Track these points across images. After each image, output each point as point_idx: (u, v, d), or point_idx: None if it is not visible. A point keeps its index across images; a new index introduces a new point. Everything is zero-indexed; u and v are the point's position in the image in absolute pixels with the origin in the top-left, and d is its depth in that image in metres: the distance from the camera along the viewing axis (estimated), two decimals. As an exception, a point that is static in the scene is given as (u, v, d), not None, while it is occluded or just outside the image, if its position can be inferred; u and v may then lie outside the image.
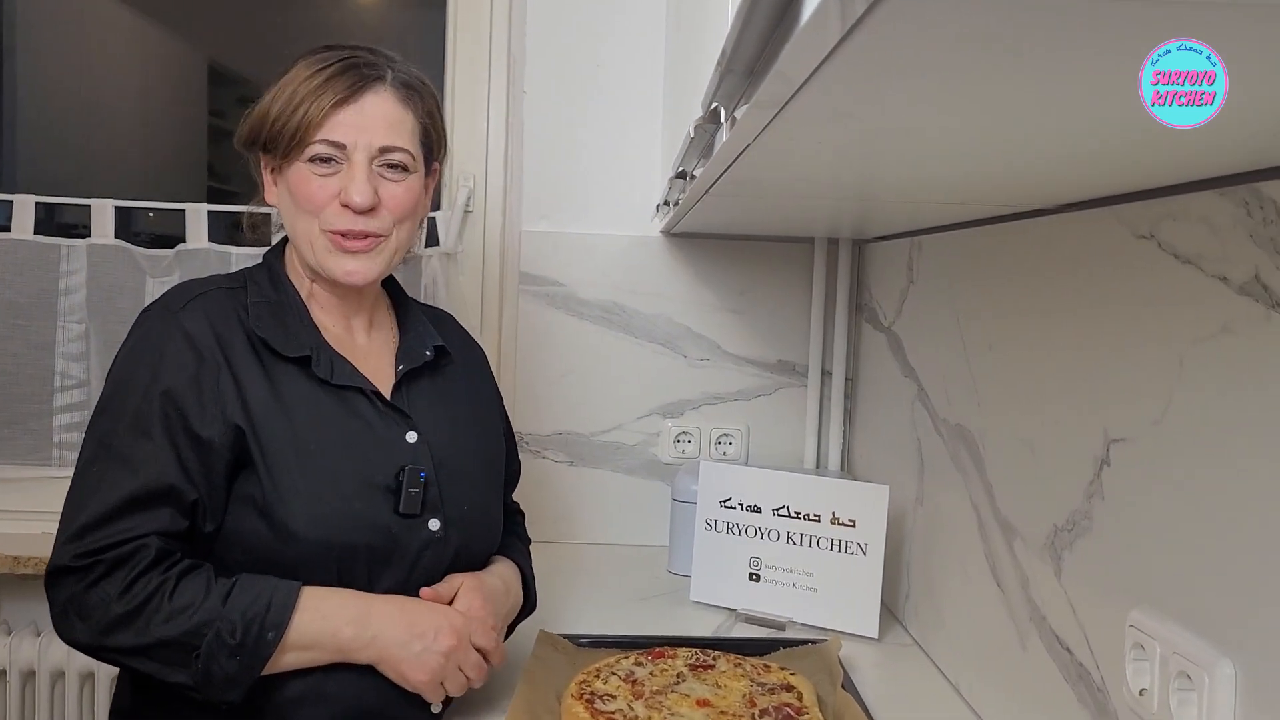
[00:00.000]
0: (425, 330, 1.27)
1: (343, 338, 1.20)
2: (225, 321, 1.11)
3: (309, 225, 1.14)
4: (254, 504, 1.07)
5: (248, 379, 1.09)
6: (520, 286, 1.95)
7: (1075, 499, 1.01)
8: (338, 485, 1.09)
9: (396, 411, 1.17)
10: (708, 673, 1.27)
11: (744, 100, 0.60)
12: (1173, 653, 0.82)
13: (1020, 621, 1.14)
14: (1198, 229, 0.82)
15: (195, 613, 1.00)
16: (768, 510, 1.58)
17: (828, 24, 0.39)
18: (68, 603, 1.02)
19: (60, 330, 1.93)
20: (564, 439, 1.96)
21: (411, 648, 1.08)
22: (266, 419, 1.08)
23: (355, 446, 1.12)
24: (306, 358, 1.13)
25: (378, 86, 1.13)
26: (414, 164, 1.16)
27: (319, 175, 1.12)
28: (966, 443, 1.32)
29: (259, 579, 1.04)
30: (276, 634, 1.01)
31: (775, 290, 1.96)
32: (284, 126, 1.11)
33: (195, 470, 1.05)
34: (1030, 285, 1.15)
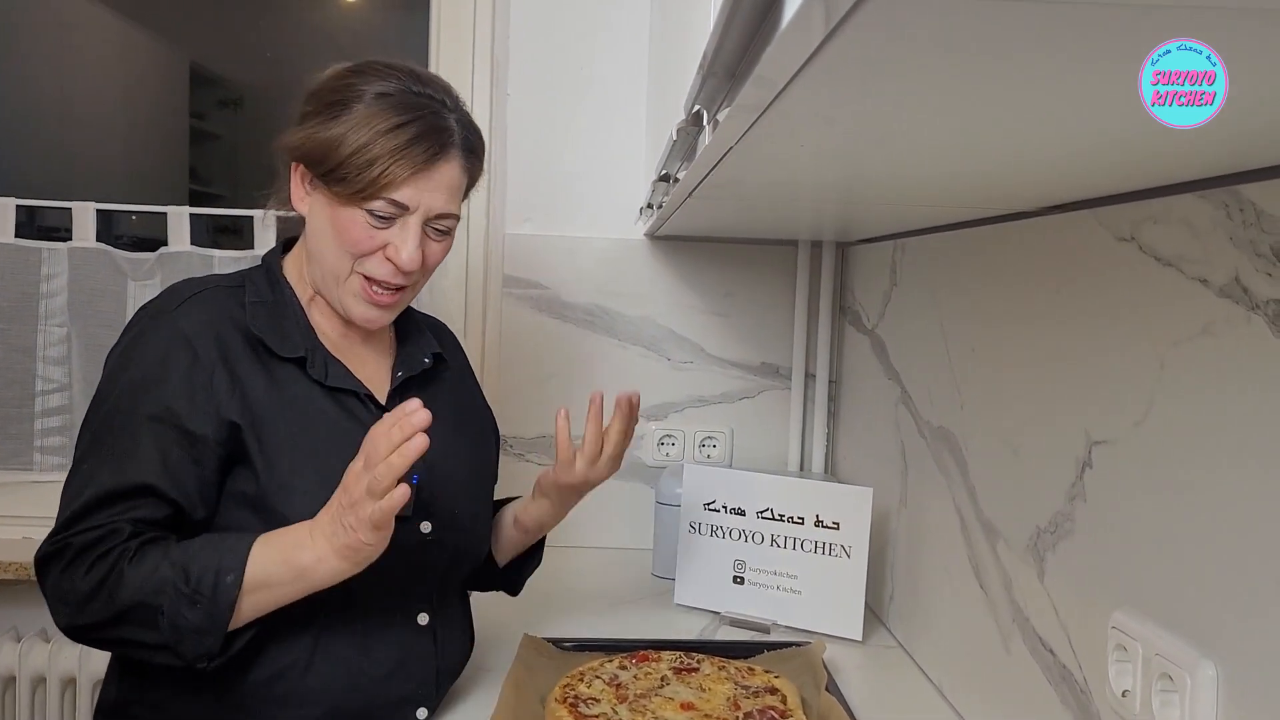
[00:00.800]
0: (425, 339, 1.27)
1: (340, 343, 1.20)
2: (222, 320, 1.11)
3: (344, 263, 1.12)
4: (247, 499, 1.06)
5: (247, 375, 1.09)
6: (504, 289, 1.94)
7: (1057, 501, 1.01)
8: (331, 484, 1.08)
9: None
10: (692, 675, 1.26)
11: (726, 103, 0.60)
12: (1155, 654, 0.82)
13: (1003, 623, 1.14)
14: (1178, 231, 0.82)
15: (155, 574, 0.98)
16: (751, 513, 1.58)
17: (809, 27, 0.39)
18: (52, 589, 1.02)
19: (41, 334, 1.91)
20: (548, 442, 1.95)
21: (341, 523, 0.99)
22: (263, 415, 1.08)
23: (349, 447, 1.11)
24: (302, 359, 1.13)
25: (451, 153, 1.11)
26: (455, 226, 1.17)
27: (374, 226, 1.10)
28: (949, 445, 1.32)
29: (215, 536, 1.03)
30: (235, 577, 0.99)
31: (759, 293, 1.96)
32: (355, 175, 1.08)
33: (183, 468, 1.04)
34: (1012, 288, 1.16)
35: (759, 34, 0.44)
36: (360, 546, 0.99)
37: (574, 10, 1.92)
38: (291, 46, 4.12)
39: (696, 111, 0.69)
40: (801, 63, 0.44)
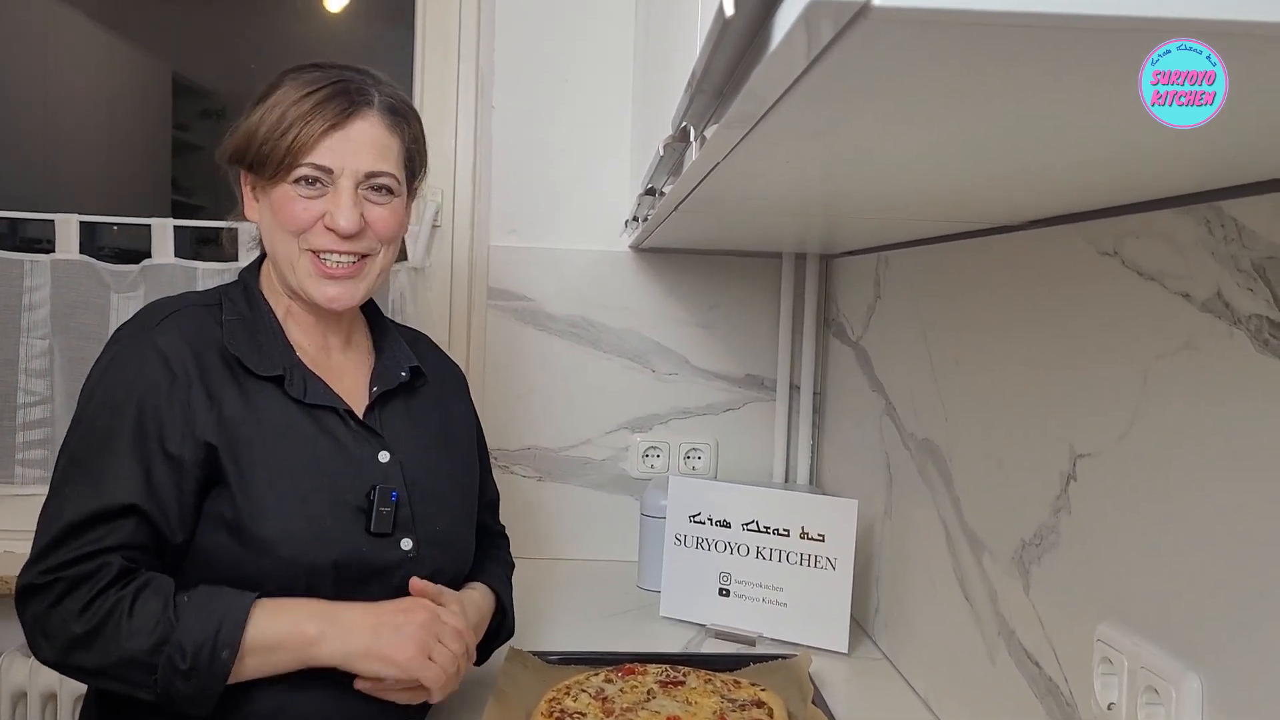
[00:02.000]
0: (401, 351, 1.27)
1: (318, 357, 1.19)
2: (199, 338, 1.11)
3: (290, 245, 1.14)
4: (224, 521, 1.06)
5: (222, 395, 1.09)
6: (488, 301, 1.94)
7: (1043, 513, 1.01)
8: (308, 503, 1.09)
9: (369, 431, 1.17)
10: (678, 689, 1.26)
11: (714, 120, 0.60)
12: (1140, 667, 0.83)
13: (989, 635, 1.15)
14: (1160, 246, 0.83)
15: (152, 633, 0.98)
16: (737, 525, 1.58)
17: (797, 48, 0.39)
18: (34, 621, 1.02)
19: (23, 346, 1.90)
20: (532, 454, 1.95)
21: (383, 633, 1.06)
22: (240, 436, 1.08)
23: (326, 465, 1.12)
24: (280, 376, 1.12)
25: (366, 112, 1.13)
26: (398, 187, 1.17)
27: (304, 197, 1.12)
28: (934, 457, 1.33)
29: (214, 594, 1.03)
30: (230, 652, 1.00)
31: (743, 305, 1.97)
32: (272, 149, 1.11)
33: (163, 488, 1.04)
34: (996, 301, 1.17)
35: (748, 53, 0.44)
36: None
37: (559, 23, 1.93)
38: (275, 57, 4.11)
39: (683, 128, 0.69)
40: (790, 82, 0.45)
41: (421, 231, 1.93)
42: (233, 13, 4.26)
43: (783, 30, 0.38)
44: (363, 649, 1.06)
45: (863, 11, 0.34)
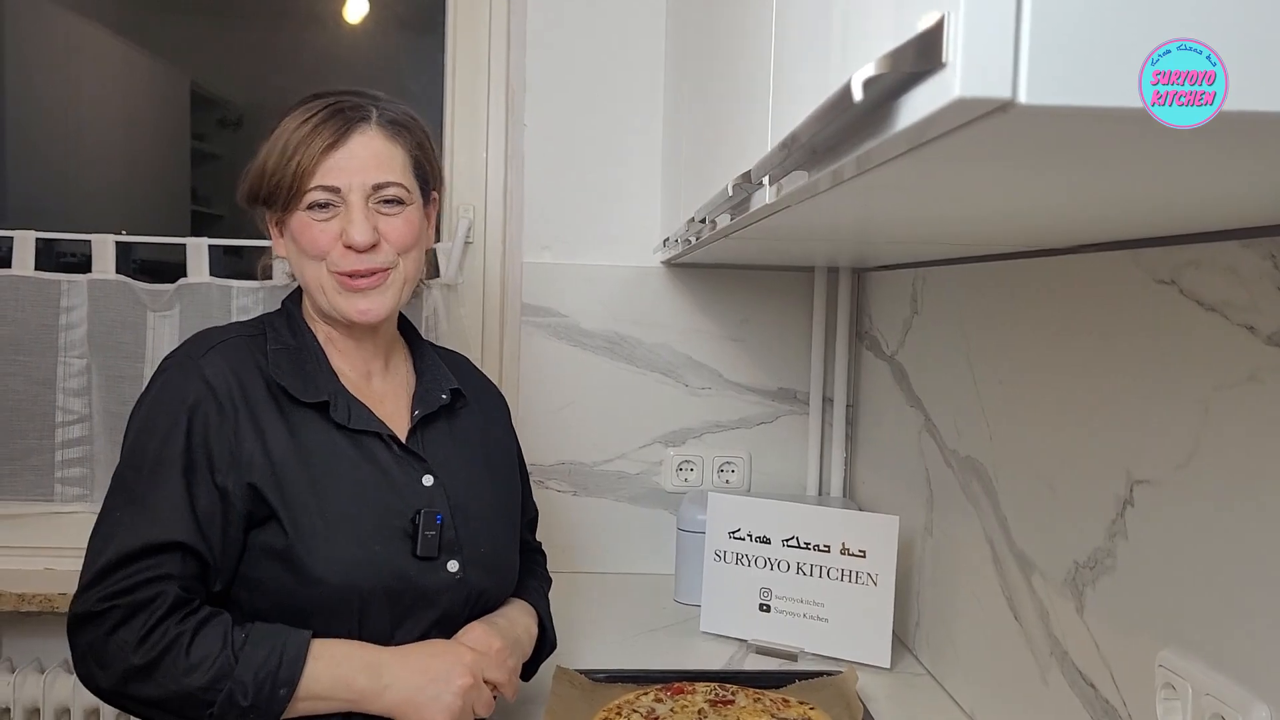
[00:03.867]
0: (441, 374, 1.28)
1: (359, 383, 1.21)
2: (245, 369, 1.13)
3: (317, 270, 1.16)
4: (274, 552, 1.08)
5: (268, 426, 1.10)
6: (522, 318, 1.96)
7: (1097, 537, 1.02)
8: (356, 530, 1.10)
9: (412, 455, 1.18)
10: (728, 708, 1.27)
11: (797, 170, 0.61)
12: (1205, 694, 0.83)
13: (1040, 655, 1.15)
14: (1222, 278, 0.84)
15: (210, 668, 1.00)
16: (777, 541, 1.59)
17: (924, 130, 0.40)
18: (87, 649, 1.03)
19: (61, 365, 1.92)
20: (567, 469, 1.96)
21: (428, 692, 1.09)
22: (286, 467, 1.09)
23: (372, 491, 1.13)
24: (325, 403, 1.14)
25: (363, 127, 1.14)
26: (409, 196, 1.17)
27: (319, 221, 1.14)
28: (979, 475, 1.34)
29: (271, 632, 1.05)
30: (289, 690, 1.02)
31: (775, 318, 1.98)
32: (279, 180, 1.13)
33: (209, 521, 1.06)
34: (1044, 322, 1.17)
35: (862, 128, 0.45)
36: None
37: (589, 40, 1.94)
38: (293, 67, 4.13)
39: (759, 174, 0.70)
40: (899, 153, 0.46)
41: (454, 248, 1.94)
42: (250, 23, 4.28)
43: (915, 115, 0.39)
44: (402, 703, 1.08)
45: (1005, 107, 0.35)
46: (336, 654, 1.08)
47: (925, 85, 0.38)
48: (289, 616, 1.07)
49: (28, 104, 2.86)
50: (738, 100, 0.92)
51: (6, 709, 1.83)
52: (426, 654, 1.12)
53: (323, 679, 1.05)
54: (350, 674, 1.07)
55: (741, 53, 0.91)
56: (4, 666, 1.87)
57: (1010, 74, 0.35)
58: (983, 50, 0.34)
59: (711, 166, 1.10)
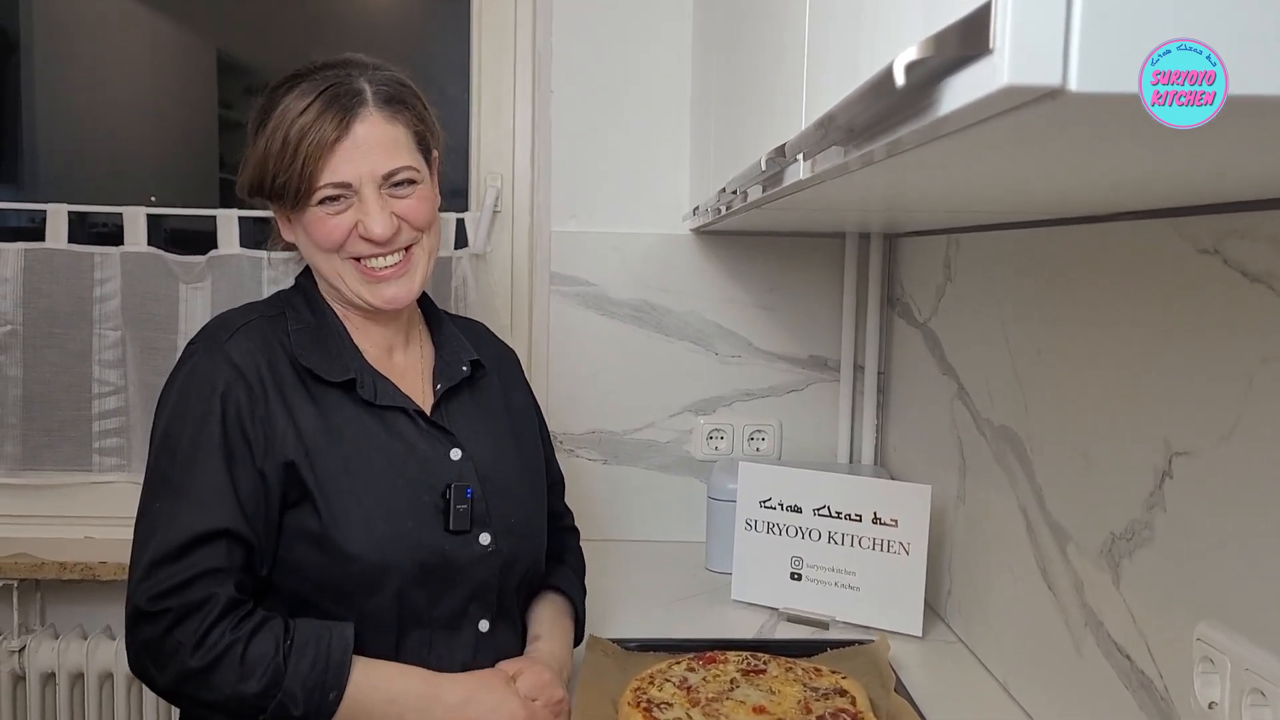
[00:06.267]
0: (460, 345, 1.28)
1: (381, 358, 1.21)
2: (270, 351, 1.13)
3: (331, 261, 1.15)
4: (309, 534, 1.09)
5: (298, 407, 1.11)
6: (551, 287, 1.95)
7: (1134, 509, 1.01)
8: (389, 507, 1.11)
9: (439, 430, 1.19)
10: (760, 677, 1.28)
11: (835, 147, 0.60)
12: (1244, 669, 0.83)
13: (1075, 626, 1.15)
14: (1267, 247, 0.82)
15: (264, 676, 1.01)
16: (808, 510, 1.59)
17: (967, 115, 0.39)
18: (143, 648, 1.04)
19: (96, 338, 1.94)
20: (597, 438, 1.97)
21: None
22: (318, 448, 1.10)
23: (402, 468, 1.14)
24: (351, 381, 1.14)
25: (363, 112, 1.11)
26: (420, 174, 1.16)
27: (332, 215, 1.12)
28: (1013, 445, 1.33)
29: (314, 636, 1.05)
30: (338, 694, 1.04)
31: (806, 285, 1.96)
32: (286, 179, 1.10)
33: (253, 505, 1.07)
34: (1082, 291, 1.16)
35: (900, 109, 0.44)
36: None
37: (617, 6, 1.91)
38: (318, 33, 4.12)
39: (793, 149, 0.69)
40: (939, 135, 0.45)
41: (482, 218, 1.94)
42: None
43: (959, 101, 0.38)
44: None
45: (1054, 94, 0.34)
46: (391, 688, 1.08)
47: (971, 70, 0.37)
48: (327, 597, 1.09)
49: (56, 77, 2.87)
50: (770, 72, 0.90)
51: (51, 674, 1.87)
52: (480, 702, 1.11)
53: (375, 710, 1.06)
54: (402, 712, 1.07)
55: (775, 22, 0.90)
56: (48, 633, 1.90)
57: (1060, 60, 0.34)
58: (1032, 36, 0.34)
59: (743, 138, 1.08)
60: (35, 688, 1.87)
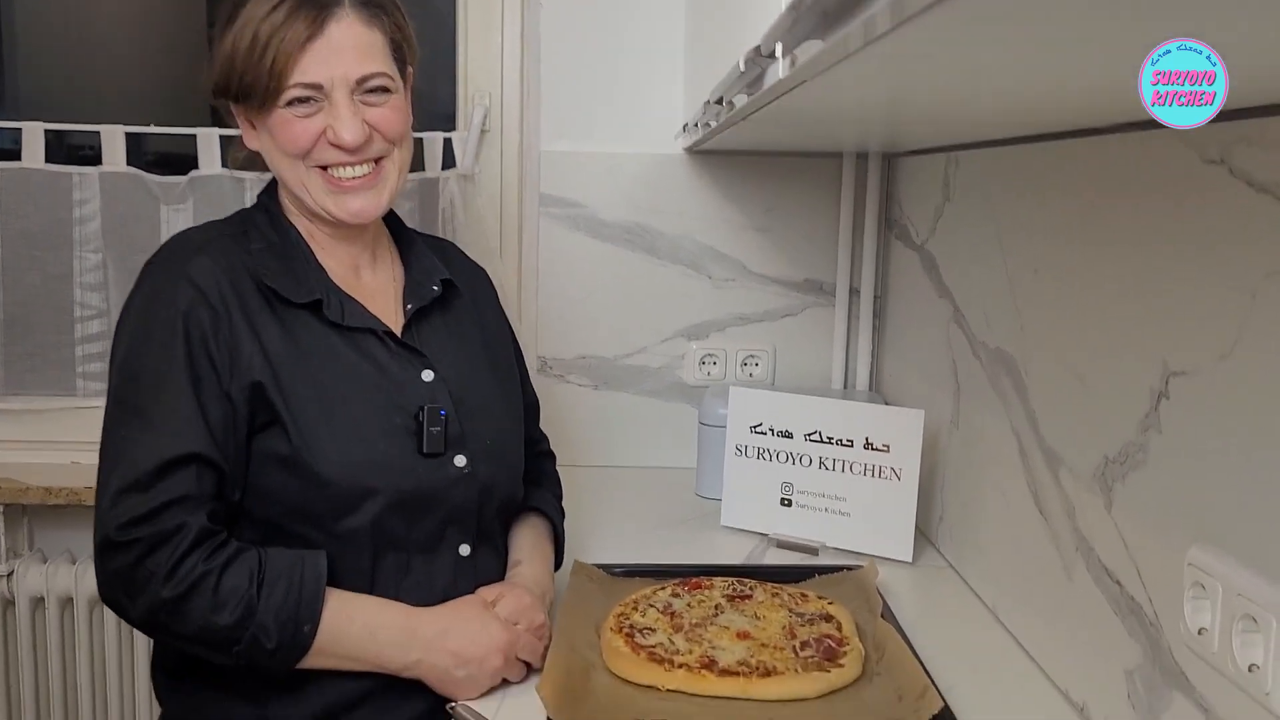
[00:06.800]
0: (431, 264, 1.24)
1: (348, 278, 1.17)
2: (232, 271, 1.08)
3: (296, 167, 1.10)
4: (280, 459, 1.05)
5: (263, 329, 1.07)
6: (540, 208, 1.90)
7: (1129, 431, 0.98)
8: (361, 430, 1.08)
9: (410, 351, 1.15)
10: (745, 603, 1.26)
11: (812, 40, 0.55)
12: (1236, 594, 0.80)
13: (1065, 551, 1.13)
14: (1273, 157, 0.78)
15: (237, 607, 0.99)
16: (799, 435, 1.56)
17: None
18: (114, 578, 1.01)
19: (77, 260, 1.90)
20: (587, 363, 1.94)
21: (456, 673, 1.08)
22: (286, 370, 1.06)
23: (373, 390, 1.10)
24: (318, 301, 1.10)
25: (339, 12, 1.06)
26: (393, 83, 1.11)
27: (300, 117, 1.07)
28: (1008, 367, 1.29)
29: (287, 567, 1.02)
30: (312, 626, 1.02)
31: (802, 207, 1.91)
32: (254, 77, 1.05)
33: (222, 428, 1.03)
34: (1082, 207, 1.11)
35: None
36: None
37: (607, -87, 1.84)
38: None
39: (770, 45, 0.64)
40: (920, 10, 0.40)
41: (470, 137, 1.88)
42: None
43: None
44: (430, 680, 1.08)
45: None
46: (370, 622, 1.06)
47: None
48: (300, 521, 1.06)
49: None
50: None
51: (40, 598, 1.87)
52: (460, 633, 1.08)
53: (353, 646, 1.05)
54: (380, 648, 1.06)
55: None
56: (36, 558, 1.90)
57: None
58: None
59: (725, 43, 1.03)
60: (25, 612, 1.87)
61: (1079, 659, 1.11)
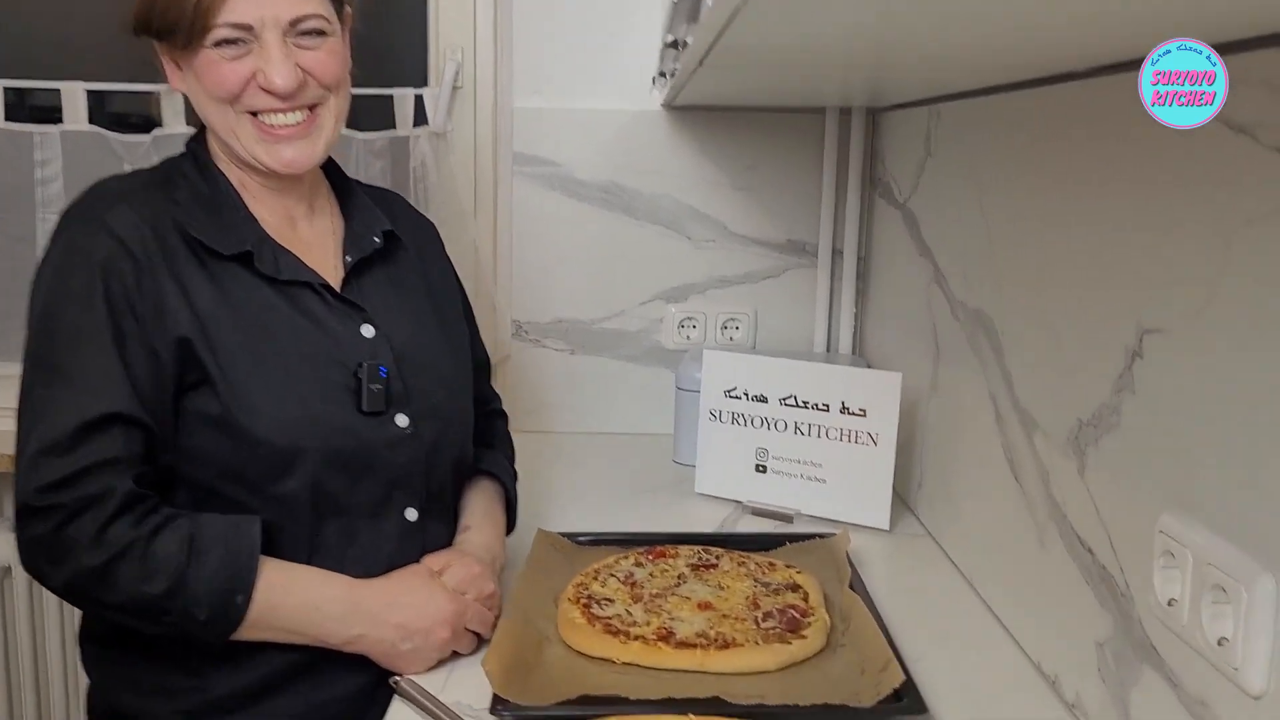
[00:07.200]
0: (372, 215, 1.18)
1: (282, 229, 1.10)
2: (157, 221, 1.01)
3: (225, 113, 1.04)
4: (210, 418, 1.00)
5: (191, 283, 1.01)
6: (514, 167, 1.85)
7: (1103, 392, 0.93)
8: (296, 388, 1.03)
9: (349, 305, 1.10)
10: (710, 573, 1.22)
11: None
12: (1206, 563, 0.75)
13: (1039, 518, 1.08)
14: (1256, 94, 0.72)
15: (167, 576, 0.94)
16: (774, 400, 1.51)
17: None
18: (34, 544, 0.96)
19: (40, 222, 1.84)
20: (564, 327, 1.88)
21: (401, 647, 1.04)
22: (216, 325, 1.00)
23: (309, 346, 1.05)
24: (248, 254, 1.04)
25: None
26: (330, 25, 1.05)
27: (228, 59, 1.01)
28: (985, 328, 1.24)
29: (220, 536, 0.97)
30: (245, 598, 0.97)
31: (784, 165, 1.85)
32: (177, 15, 0.98)
33: (147, 386, 0.97)
34: (1059, 156, 1.06)
35: None
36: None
37: None
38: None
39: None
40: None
41: (442, 94, 1.82)
42: None
43: None
44: (374, 654, 1.04)
45: None
46: (311, 596, 1.02)
47: None
48: (235, 485, 1.01)
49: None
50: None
51: (6, 567, 1.84)
52: (405, 605, 1.04)
53: (293, 619, 1.01)
54: (321, 622, 1.01)
55: None
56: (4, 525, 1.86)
57: None
58: None
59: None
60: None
61: (1051, 630, 1.06)
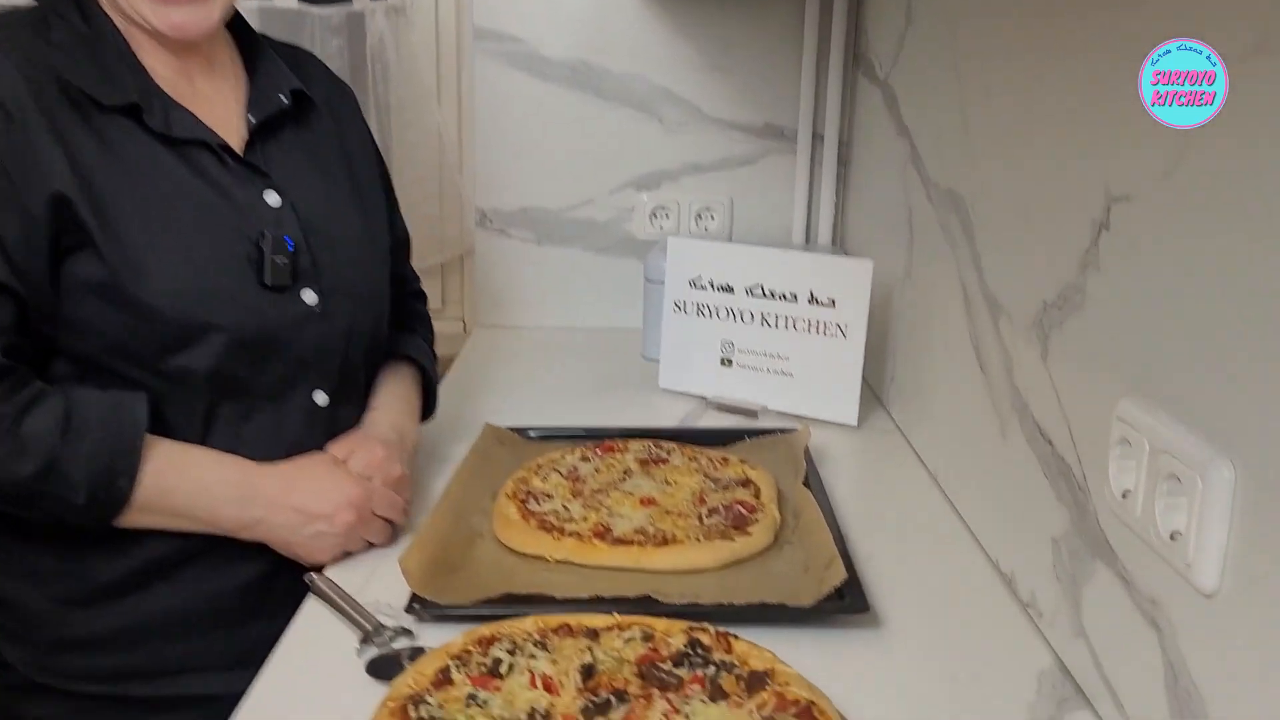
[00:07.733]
0: (279, 73, 1.08)
1: (176, 82, 1.00)
2: (31, 66, 0.91)
3: None
4: (94, 286, 0.91)
5: (70, 135, 0.91)
6: (476, 44, 1.74)
7: (1069, 271, 0.85)
8: (191, 256, 0.94)
9: (251, 169, 1.01)
10: (659, 468, 1.16)
11: None
12: (1162, 450, 0.68)
13: (1002, 409, 1.01)
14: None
15: (40, 455, 0.87)
16: (740, 290, 1.43)
17: None
18: None
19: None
20: (529, 215, 1.79)
21: (303, 531, 0.98)
22: (100, 183, 0.91)
23: (206, 211, 0.96)
24: (135, 106, 0.94)
25: None
26: None
27: None
28: (958, 209, 1.15)
29: (102, 415, 0.91)
30: (129, 480, 0.91)
31: (763, 42, 1.73)
32: None
33: (19, 251, 0.89)
34: (1035, 18, 0.96)
35: None
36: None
37: None
38: None
39: None
40: None
41: (399, -35, 1.71)
42: None
43: None
44: (275, 541, 0.99)
45: None
46: (204, 477, 0.96)
47: None
48: (124, 360, 0.93)
49: None
50: None
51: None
52: (306, 487, 0.99)
53: (184, 500, 0.95)
54: (216, 505, 0.96)
55: None
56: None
57: None
58: None
59: None
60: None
61: (1009, 526, 1.00)
